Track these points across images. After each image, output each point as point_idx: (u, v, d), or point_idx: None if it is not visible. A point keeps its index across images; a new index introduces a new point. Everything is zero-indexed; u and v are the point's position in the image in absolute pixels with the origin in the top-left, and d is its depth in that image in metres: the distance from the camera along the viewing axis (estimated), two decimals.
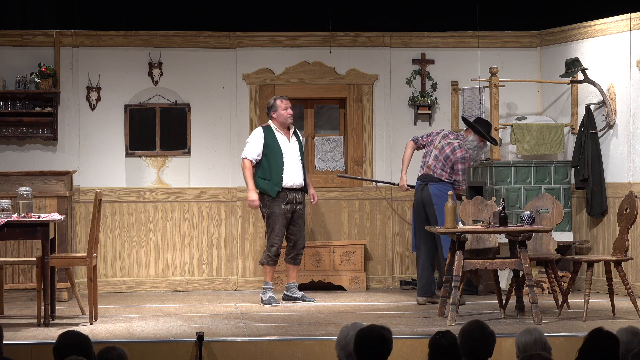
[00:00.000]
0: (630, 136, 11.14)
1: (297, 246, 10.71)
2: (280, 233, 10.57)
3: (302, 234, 10.71)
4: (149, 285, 12.00)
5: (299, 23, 12.24)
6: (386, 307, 10.46)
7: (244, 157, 10.65)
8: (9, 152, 11.86)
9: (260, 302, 10.61)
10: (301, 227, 10.69)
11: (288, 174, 10.58)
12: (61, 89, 11.89)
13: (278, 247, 10.57)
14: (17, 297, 10.91)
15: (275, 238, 10.55)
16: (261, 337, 8.25)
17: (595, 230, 11.57)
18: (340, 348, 5.86)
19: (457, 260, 9.08)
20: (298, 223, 10.66)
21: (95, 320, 9.31)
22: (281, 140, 10.66)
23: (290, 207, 10.59)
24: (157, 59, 12.07)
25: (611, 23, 11.41)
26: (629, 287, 9.38)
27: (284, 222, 10.56)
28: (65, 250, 11.10)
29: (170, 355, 7.96)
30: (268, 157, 10.59)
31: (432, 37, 12.38)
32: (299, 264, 10.82)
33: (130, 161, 12.07)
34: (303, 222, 10.75)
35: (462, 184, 10.47)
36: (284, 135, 10.69)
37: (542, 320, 9.02)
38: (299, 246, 10.71)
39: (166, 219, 12.07)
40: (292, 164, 10.62)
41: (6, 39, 11.86)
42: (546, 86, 12.32)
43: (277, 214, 10.53)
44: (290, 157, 10.64)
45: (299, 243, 10.70)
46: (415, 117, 12.33)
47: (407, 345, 7.98)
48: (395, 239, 12.28)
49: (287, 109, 10.70)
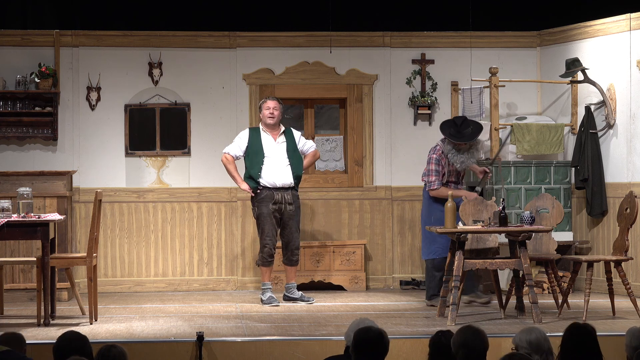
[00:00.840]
0: (630, 136, 11.14)
1: (290, 247, 10.69)
2: (271, 233, 10.55)
3: (294, 234, 10.68)
4: (149, 285, 12.00)
5: (299, 23, 12.24)
6: (386, 307, 10.46)
7: (224, 152, 10.77)
8: (9, 152, 11.86)
9: (260, 303, 10.61)
10: (293, 228, 10.66)
11: (270, 173, 10.56)
12: (61, 89, 11.89)
13: (270, 247, 10.56)
14: (17, 297, 10.91)
15: (267, 238, 10.53)
16: (261, 337, 8.25)
17: (595, 230, 11.57)
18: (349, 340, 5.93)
19: (457, 260, 9.08)
20: (289, 224, 10.64)
21: (95, 320, 9.31)
22: (265, 141, 10.67)
23: (278, 207, 10.57)
24: (157, 59, 12.07)
25: (611, 23, 11.41)
26: (629, 287, 9.38)
27: (273, 222, 10.56)
28: (65, 250, 11.10)
29: (170, 355, 7.96)
30: (250, 156, 10.66)
31: (432, 37, 12.39)
32: (295, 264, 10.81)
33: (130, 161, 12.07)
34: (295, 223, 10.71)
35: (431, 185, 10.38)
36: (269, 136, 10.69)
37: (542, 320, 9.02)
38: (292, 247, 10.69)
39: (166, 219, 12.07)
40: (276, 163, 10.60)
41: (6, 39, 11.86)
42: (546, 86, 12.32)
43: (265, 214, 10.52)
44: (274, 157, 10.61)
45: (291, 244, 10.68)
46: (415, 117, 12.33)
47: (407, 345, 7.98)
48: (395, 239, 12.28)
49: (269, 109, 10.71)
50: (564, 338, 5.62)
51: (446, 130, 10.31)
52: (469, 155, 10.33)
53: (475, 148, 10.47)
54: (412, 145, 12.30)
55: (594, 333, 5.59)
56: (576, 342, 5.56)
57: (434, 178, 10.32)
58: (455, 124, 10.33)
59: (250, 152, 10.66)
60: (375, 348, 5.59)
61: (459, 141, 10.25)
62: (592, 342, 5.56)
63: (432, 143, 12.36)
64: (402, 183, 12.28)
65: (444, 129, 10.34)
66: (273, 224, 10.56)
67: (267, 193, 10.55)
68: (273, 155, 10.63)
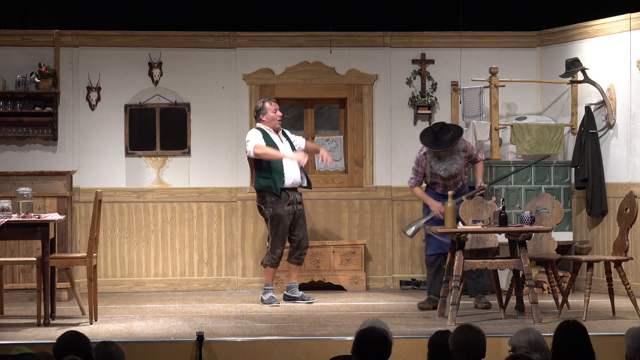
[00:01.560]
0: (630, 136, 11.14)
1: (302, 246, 10.68)
2: (285, 235, 10.54)
3: (305, 233, 10.69)
4: (149, 285, 12.01)
5: (299, 23, 12.24)
6: (386, 307, 10.46)
7: (256, 144, 10.42)
8: (9, 152, 11.86)
9: (261, 302, 10.60)
10: (303, 226, 10.67)
11: (288, 173, 10.55)
12: (61, 89, 11.89)
13: (282, 250, 10.55)
14: (17, 297, 10.92)
15: (279, 241, 10.52)
16: (261, 337, 8.25)
17: (595, 230, 11.57)
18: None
19: (457, 260, 9.08)
20: (300, 223, 10.64)
21: (95, 320, 9.31)
22: (276, 141, 10.63)
23: (293, 207, 10.56)
24: (157, 59, 12.07)
25: (611, 23, 11.41)
26: (629, 287, 9.38)
27: (288, 224, 10.54)
28: (65, 250, 11.10)
29: (170, 355, 7.96)
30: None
31: (432, 37, 12.39)
32: (302, 264, 10.81)
33: (130, 161, 12.07)
34: (305, 222, 10.72)
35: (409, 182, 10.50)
36: (277, 136, 10.67)
37: (542, 320, 9.02)
38: (303, 245, 10.69)
39: (166, 219, 12.07)
40: (289, 163, 10.57)
41: (6, 39, 11.86)
42: (546, 86, 12.32)
43: (281, 215, 10.48)
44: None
45: (302, 242, 10.68)
46: (415, 117, 12.33)
47: (407, 345, 7.98)
48: (395, 239, 12.28)
49: (277, 112, 10.66)
50: (555, 336, 5.63)
51: (424, 140, 10.28)
52: (451, 161, 10.29)
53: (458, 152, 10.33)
54: (412, 145, 12.28)
55: (585, 330, 5.61)
56: (568, 340, 5.57)
57: (412, 176, 10.46)
58: (434, 132, 10.28)
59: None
60: (377, 350, 5.59)
61: (436, 149, 10.19)
62: (583, 338, 5.58)
63: None
64: (402, 183, 12.27)
65: (423, 138, 10.31)
66: (287, 226, 10.53)
67: (284, 194, 10.52)
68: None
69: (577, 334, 5.58)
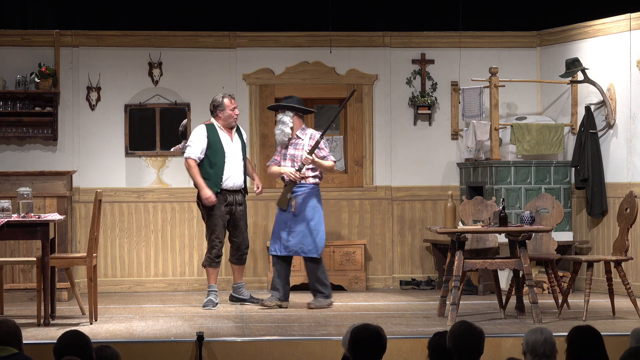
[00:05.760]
0: (630, 136, 11.14)
1: (241, 247, 10.57)
2: (221, 235, 10.42)
3: (244, 235, 10.56)
4: (149, 285, 12.01)
5: (299, 23, 12.24)
6: (386, 307, 10.46)
7: (188, 157, 10.38)
8: (9, 152, 11.86)
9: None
10: (243, 228, 10.53)
11: (229, 175, 10.39)
12: (61, 89, 11.90)
13: (219, 249, 10.41)
14: (17, 297, 10.91)
15: (216, 240, 10.40)
16: (261, 337, 8.25)
17: (595, 230, 11.57)
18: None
19: (457, 260, 9.08)
20: (239, 225, 10.52)
21: (95, 320, 9.31)
22: (224, 140, 10.44)
23: (229, 209, 10.42)
24: (157, 59, 12.07)
25: (611, 23, 11.41)
26: (629, 287, 9.38)
27: (223, 224, 10.44)
28: (65, 250, 11.10)
29: (170, 355, 7.96)
30: (209, 156, 10.38)
31: (432, 37, 12.39)
32: (244, 264, 10.67)
33: (130, 161, 12.08)
34: (245, 224, 10.57)
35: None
36: (226, 134, 10.47)
37: (542, 320, 9.02)
38: (243, 247, 10.58)
39: (166, 219, 12.07)
40: (234, 164, 10.43)
41: (6, 39, 11.86)
42: (546, 86, 12.32)
43: (217, 216, 10.36)
44: (232, 158, 10.42)
45: (242, 244, 10.56)
46: (415, 117, 12.34)
47: (407, 345, 7.98)
48: (395, 239, 12.28)
49: (235, 109, 10.50)
50: (570, 341, 5.59)
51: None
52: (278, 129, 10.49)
53: (282, 122, 10.38)
54: (412, 145, 12.30)
55: (600, 335, 5.58)
56: (583, 345, 5.54)
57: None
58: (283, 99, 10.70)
59: (210, 153, 10.38)
60: (373, 345, 5.59)
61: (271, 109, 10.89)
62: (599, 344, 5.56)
63: (433, 143, 12.43)
64: (402, 183, 12.29)
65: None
66: (224, 226, 10.43)
67: (220, 195, 10.37)
68: (231, 155, 10.43)
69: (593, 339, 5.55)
